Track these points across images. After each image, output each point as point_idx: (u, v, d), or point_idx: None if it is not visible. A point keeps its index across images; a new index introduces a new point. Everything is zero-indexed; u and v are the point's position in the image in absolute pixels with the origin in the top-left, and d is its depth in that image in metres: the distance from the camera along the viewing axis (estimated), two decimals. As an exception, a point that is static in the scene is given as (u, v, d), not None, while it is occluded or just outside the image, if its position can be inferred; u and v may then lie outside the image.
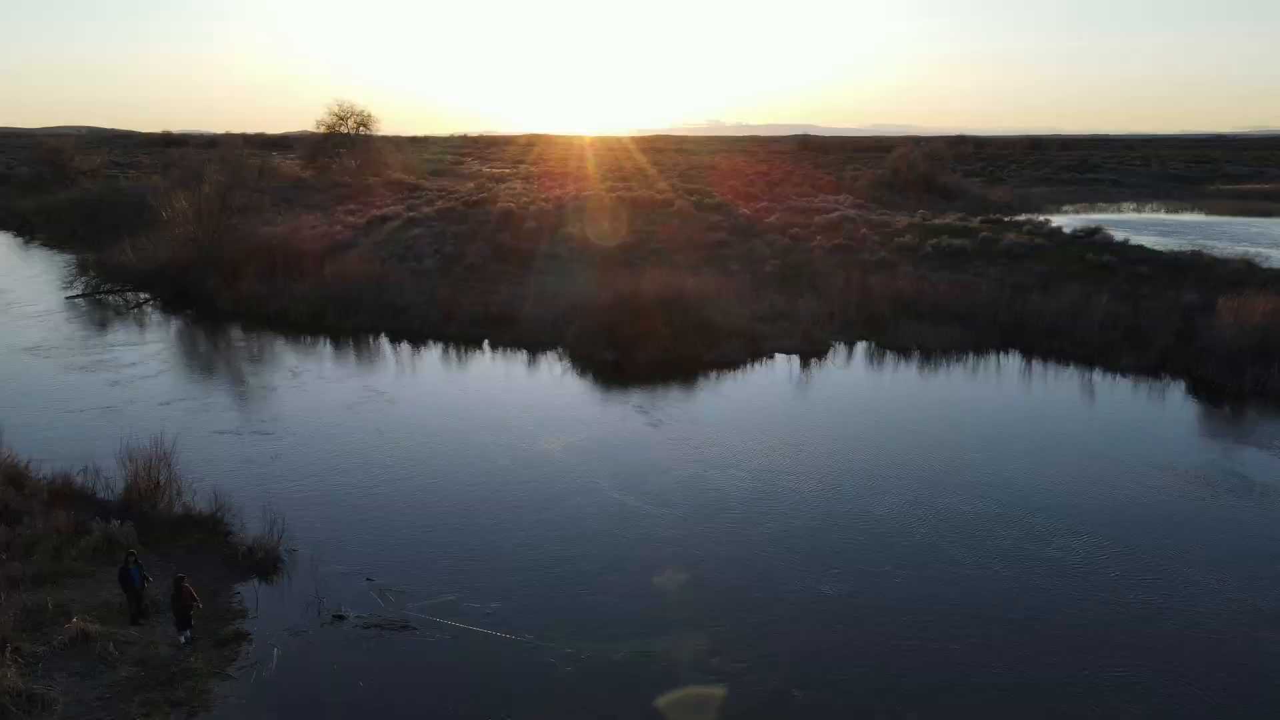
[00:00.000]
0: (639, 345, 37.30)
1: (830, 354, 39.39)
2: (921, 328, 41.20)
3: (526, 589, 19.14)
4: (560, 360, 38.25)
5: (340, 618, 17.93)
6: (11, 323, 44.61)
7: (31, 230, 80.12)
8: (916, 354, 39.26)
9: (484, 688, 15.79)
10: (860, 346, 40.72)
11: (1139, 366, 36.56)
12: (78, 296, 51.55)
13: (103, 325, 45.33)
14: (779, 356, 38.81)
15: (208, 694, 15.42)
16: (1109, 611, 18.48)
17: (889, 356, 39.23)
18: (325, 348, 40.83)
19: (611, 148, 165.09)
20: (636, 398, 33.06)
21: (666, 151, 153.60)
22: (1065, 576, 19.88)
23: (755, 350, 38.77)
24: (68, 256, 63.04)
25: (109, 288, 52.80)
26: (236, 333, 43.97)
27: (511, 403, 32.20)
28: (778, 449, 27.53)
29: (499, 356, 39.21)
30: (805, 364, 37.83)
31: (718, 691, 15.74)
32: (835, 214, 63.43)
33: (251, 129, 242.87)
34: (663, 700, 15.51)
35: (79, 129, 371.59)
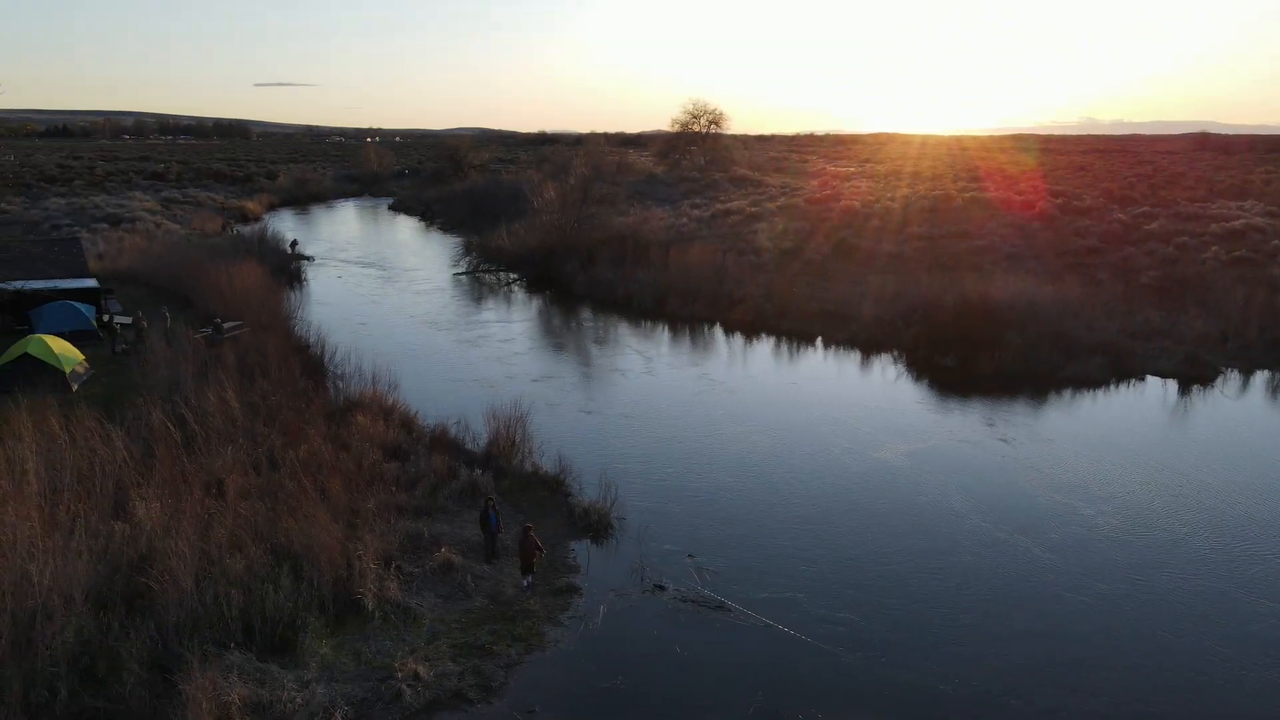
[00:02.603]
0: (984, 353, 34.70)
1: (1219, 381, 33.81)
2: (1350, 360, 33.90)
3: (859, 603, 18.07)
4: (896, 363, 36.74)
5: (661, 588, 18.62)
6: (414, 297, 51.97)
7: (432, 216, 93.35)
8: (1340, 391, 32.43)
9: (791, 688, 15.43)
10: (1261, 376, 34.50)
11: None
12: (462, 274, 59.09)
13: (479, 301, 51.42)
14: (1151, 379, 34.09)
15: (542, 636, 16.77)
16: None
17: (1300, 391, 32.81)
18: (665, 334, 42.85)
19: (966, 147, 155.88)
20: (980, 409, 30.75)
21: (1032, 151, 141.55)
22: None
23: (1121, 369, 34.39)
24: (457, 239, 72.43)
25: (486, 267, 59.89)
26: (587, 314, 47.62)
27: (847, 402, 31.41)
28: (1153, 486, 24.01)
29: (832, 354, 38.57)
30: (1185, 390, 32.82)
31: None
32: (1238, 222, 54.24)
33: (612, 129, 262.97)
34: None
35: (473, 130, 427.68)
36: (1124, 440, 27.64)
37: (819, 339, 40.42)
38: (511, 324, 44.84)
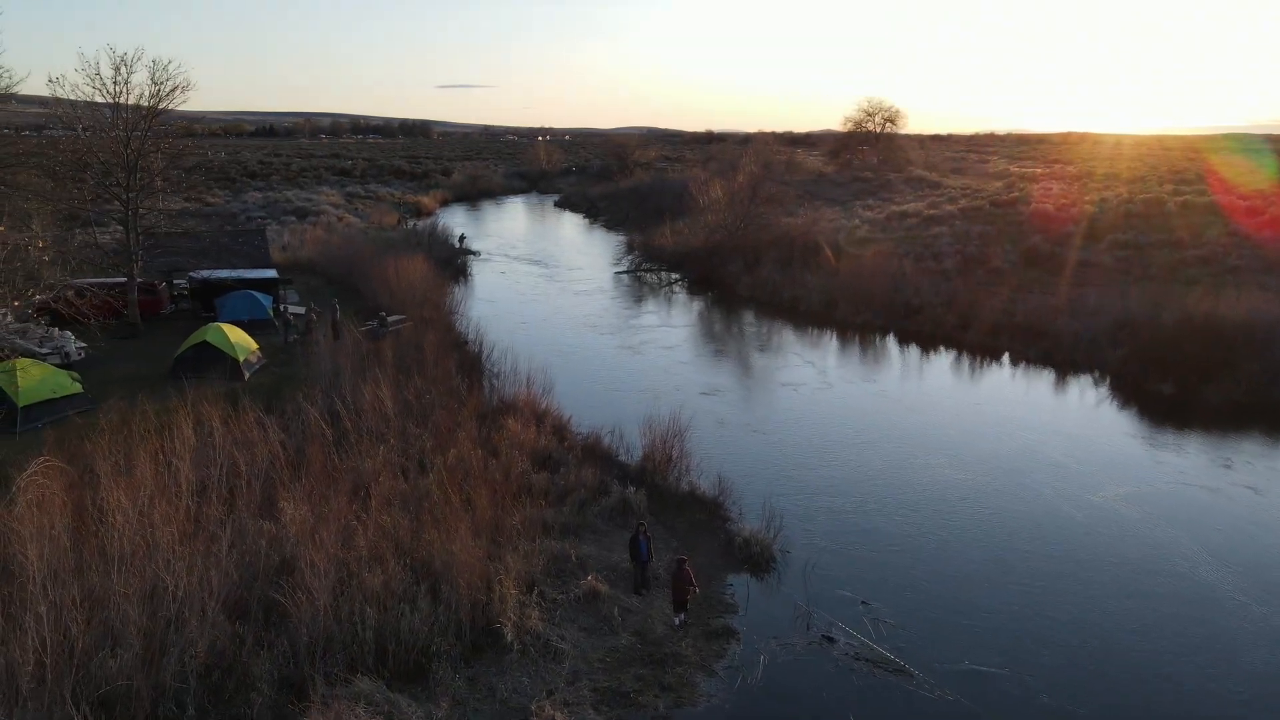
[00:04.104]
0: (1211, 381, 30.05)
1: None
2: None
3: (1094, 694, 14.68)
4: (1098, 386, 32.52)
5: (830, 640, 16.35)
6: (574, 296, 51.16)
7: (596, 213, 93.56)
8: None
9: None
10: None
11: None
12: (623, 272, 58.15)
13: (640, 302, 50.08)
14: None
15: (694, 686, 14.89)
16: None
17: None
18: (834, 342, 40.03)
19: (1168, 147, 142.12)
20: (1211, 448, 26.39)
21: (1252, 150, 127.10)
22: None
23: (1391, 408, 28.88)
24: (620, 236, 71.76)
25: (648, 266, 58.68)
26: (751, 318, 45.36)
27: (1045, 430, 27.75)
28: None
29: (1021, 373, 34.68)
30: None
31: None
32: None
33: (780, 128, 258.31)
34: None
35: (640, 129, 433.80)
36: (1402, 496, 22.80)
37: (1006, 355, 36.55)
38: (672, 328, 43.16)
